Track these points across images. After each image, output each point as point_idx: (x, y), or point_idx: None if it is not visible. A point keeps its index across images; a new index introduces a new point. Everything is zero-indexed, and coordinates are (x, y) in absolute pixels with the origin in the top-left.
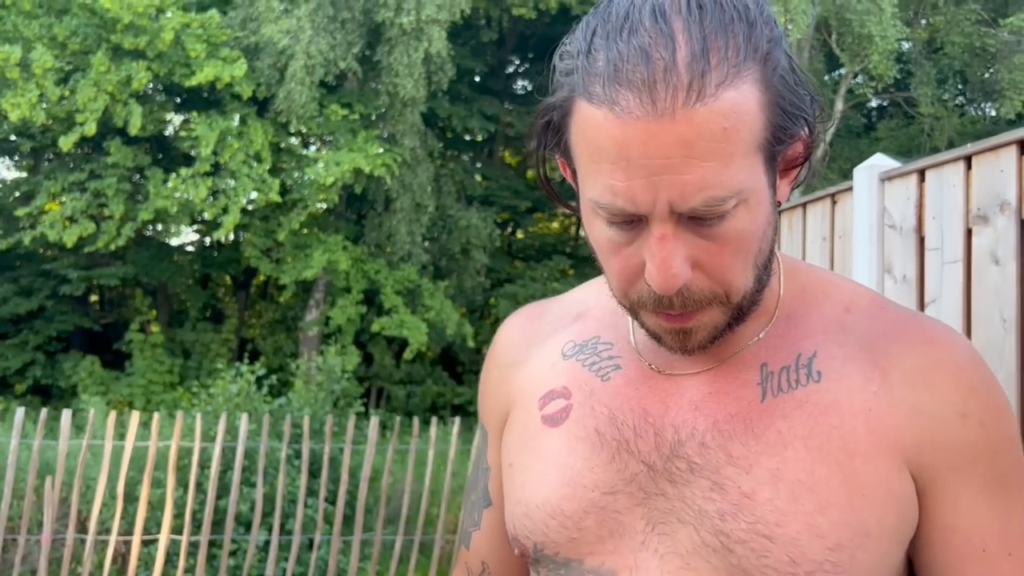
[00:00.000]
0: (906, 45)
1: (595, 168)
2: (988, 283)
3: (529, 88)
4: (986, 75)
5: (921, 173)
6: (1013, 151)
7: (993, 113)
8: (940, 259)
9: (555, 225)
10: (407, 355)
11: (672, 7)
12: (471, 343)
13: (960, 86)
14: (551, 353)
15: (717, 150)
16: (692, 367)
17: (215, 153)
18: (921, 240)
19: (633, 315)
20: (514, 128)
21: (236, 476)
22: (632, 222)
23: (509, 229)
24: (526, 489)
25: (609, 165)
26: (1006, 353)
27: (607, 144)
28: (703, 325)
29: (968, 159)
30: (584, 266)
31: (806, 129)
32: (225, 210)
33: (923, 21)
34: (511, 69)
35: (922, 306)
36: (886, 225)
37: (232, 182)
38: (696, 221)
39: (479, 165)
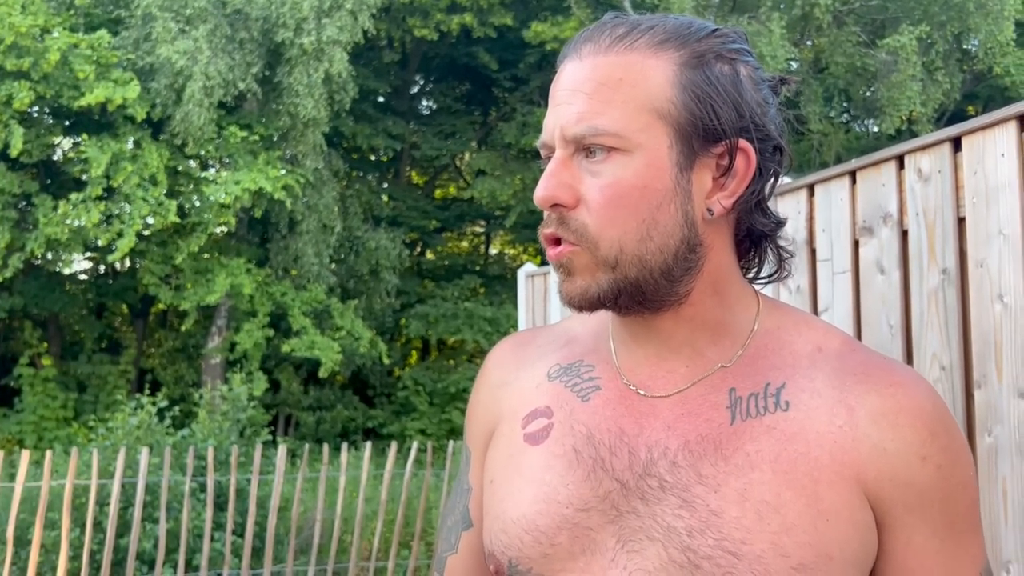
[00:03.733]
0: (794, 65)
1: None
2: (875, 291)
3: (434, 108)
4: (868, 93)
5: (810, 188)
6: (893, 166)
7: (876, 129)
8: (831, 270)
9: (464, 244)
10: (322, 373)
11: (655, 15)
12: (385, 361)
13: (845, 104)
14: (538, 375)
15: (605, 92)
16: (666, 388)
17: (107, 177)
18: (813, 252)
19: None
20: (420, 149)
21: (137, 512)
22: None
23: (418, 249)
24: (504, 504)
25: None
26: (893, 357)
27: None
28: (576, 266)
29: (853, 174)
30: (495, 285)
31: (752, 145)
32: (120, 234)
33: (809, 42)
34: (415, 89)
35: (815, 314)
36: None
37: (127, 206)
38: (588, 158)
39: (385, 185)
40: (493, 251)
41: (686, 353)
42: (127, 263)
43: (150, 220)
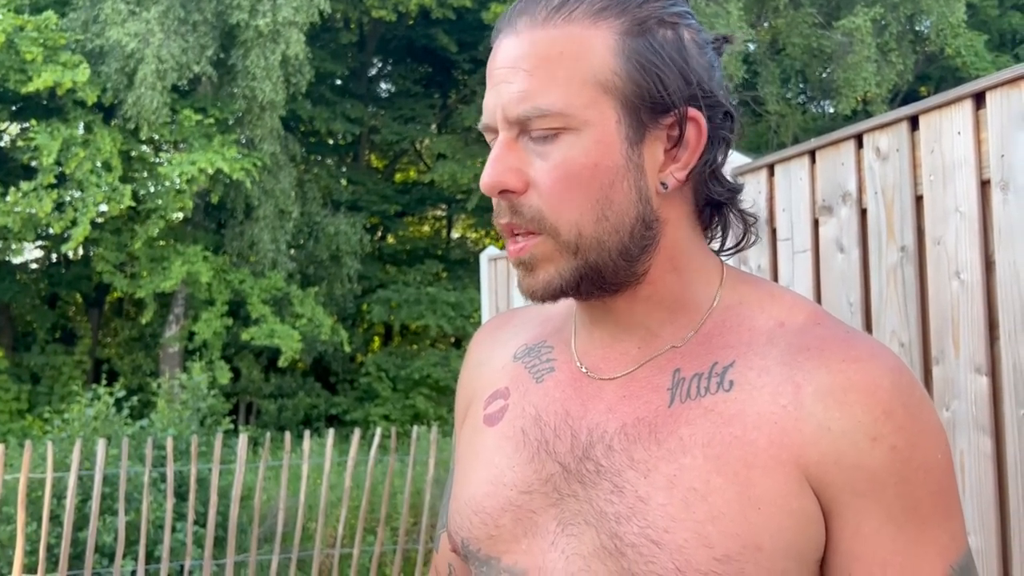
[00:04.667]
0: (752, 46)
1: None
2: (835, 270)
3: (393, 91)
4: (824, 74)
5: (770, 168)
6: (851, 145)
7: (832, 110)
8: (791, 249)
9: (426, 229)
10: (282, 362)
11: None
12: (347, 348)
13: (802, 85)
14: (506, 355)
15: (545, 68)
16: (616, 370)
17: (59, 163)
18: (773, 231)
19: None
20: (379, 133)
21: (95, 505)
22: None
23: (379, 234)
24: (461, 484)
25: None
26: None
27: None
28: (538, 259)
29: (812, 154)
30: (457, 269)
31: (701, 114)
32: (74, 222)
33: (766, 24)
34: (373, 72)
35: None
36: None
37: (79, 193)
38: (534, 139)
39: (344, 170)
40: (455, 235)
41: (640, 334)
42: (80, 251)
43: (104, 207)
